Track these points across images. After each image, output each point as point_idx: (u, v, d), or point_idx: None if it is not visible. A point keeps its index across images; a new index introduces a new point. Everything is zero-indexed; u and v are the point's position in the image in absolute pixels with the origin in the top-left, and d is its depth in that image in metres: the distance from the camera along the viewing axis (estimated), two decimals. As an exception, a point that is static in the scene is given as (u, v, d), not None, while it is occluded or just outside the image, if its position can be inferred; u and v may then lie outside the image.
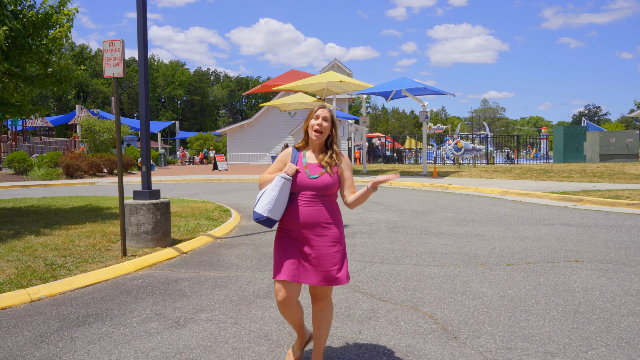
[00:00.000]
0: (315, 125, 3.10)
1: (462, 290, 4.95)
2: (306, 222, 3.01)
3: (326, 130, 3.12)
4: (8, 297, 4.86)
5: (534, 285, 5.06)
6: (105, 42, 6.31)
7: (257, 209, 3.05)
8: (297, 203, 3.03)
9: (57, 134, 54.63)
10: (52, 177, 24.29)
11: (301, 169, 3.06)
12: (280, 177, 3.00)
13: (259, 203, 3.04)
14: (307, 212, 3.01)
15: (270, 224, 3.05)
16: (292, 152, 3.20)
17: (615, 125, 80.00)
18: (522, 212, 10.24)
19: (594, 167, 20.10)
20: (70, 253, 6.64)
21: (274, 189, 2.99)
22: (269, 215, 3.00)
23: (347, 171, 3.21)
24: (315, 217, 3.01)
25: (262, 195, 3.07)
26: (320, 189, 3.02)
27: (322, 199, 3.04)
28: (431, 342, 3.70)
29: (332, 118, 3.15)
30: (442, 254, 6.55)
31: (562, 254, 6.40)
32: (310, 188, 3.02)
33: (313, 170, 3.07)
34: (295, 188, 3.04)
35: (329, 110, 3.16)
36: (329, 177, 3.05)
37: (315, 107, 3.16)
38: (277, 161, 3.24)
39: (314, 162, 3.12)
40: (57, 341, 3.89)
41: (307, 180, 3.02)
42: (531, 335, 3.79)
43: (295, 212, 3.03)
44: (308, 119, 3.16)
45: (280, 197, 2.99)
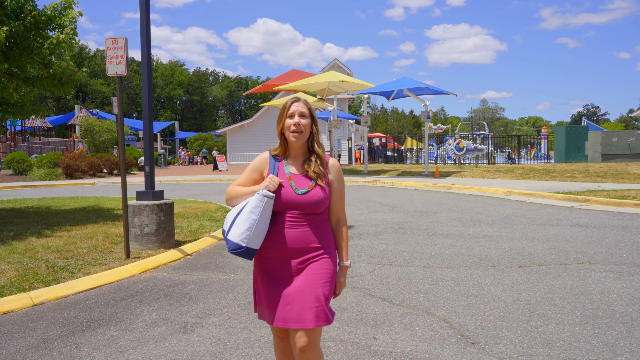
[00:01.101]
0: (291, 126, 2.49)
1: (475, 294, 4.83)
2: (293, 247, 2.43)
3: (306, 128, 2.51)
4: (10, 301, 4.73)
5: (549, 288, 4.94)
6: (108, 40, 6.18)
7: (232, 237, 2.39)
8: (281, 225, 2.44)
9: (56, 134, 54.46)
10: (52, 178, 24.14)
11: (285, 182, 2.46)
12: (262, 194, 2.37)
13: (234, 228, 2.40)
14: (293, 236, 2.42)
15: (250, 255, 2.43)
16: (269, 160, 2.56)
17: (615, 125, 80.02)
18: (528, 213, 10.13)
19: (596, 167, 20.00)
20: (72, 255, 6.51)
21: (254, 210, 2.36)
22: (248, 245, 2.38)
23: (337, 183, 2.56)
24: (303, 240, 2.43)
25: (237, 217, 2.42)
26: (310, 206, 2.43)
27: (310, 218, 2.46)
28: (449, 348, 3.58)
29: (310, 111, 2.54)
30: (452, 256, 6.43)
31: (573, 256, 6.28)
32: (297, 206, 2.42)
33: (300, 183, 2.47)
34: (278, 206, 2.43)
35: (304, 102, 2.55)
36: (320, 191, 2.46)
37: (287, 103, 2.54)
38: (250, 170, 2.59)
39: (299, 172, 2.52)
40: (61, 347, 3.77)
41: (294, 196, 2.42)
42: (551, 340, 3.67)
43: (279, 236, 2.43)
44: (281, 119, 2.53)
45: (262, 221, 2.38)
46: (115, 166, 27.79)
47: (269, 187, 2.39)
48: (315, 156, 2.55)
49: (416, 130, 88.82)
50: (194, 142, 53.24)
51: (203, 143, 52.08)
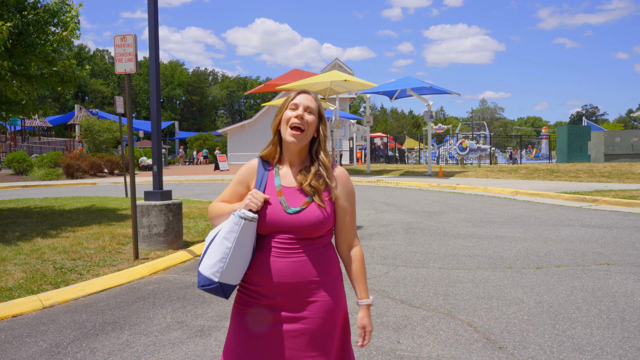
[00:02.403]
0: (292, 119, 1.93)
1: (496, 296, 4.72)
2: (283, 282, 1.86)
3: (310, 127, 1.95)
4: (19, 303, 4.61)
5: (570, 290, 4.84)
6: (116, 37, 6.06)
7: (202, 269, 1.88)
8: (268, 252, 1.89)
9: (56, 134, 54.27)
10: (53, 178, 23.99)
11: (273, 198, 1.91)
12: (237, 215, 1.83)
13: (206, 258, 1.89)
14: (284, 267, 1.87)
15: (225, 292, 1.89)
16: (257, 168, 2.02)
17: (614, 126, 80.00)
18: (537, 213, 10.02)
19: (600, 167, 19.92)
20: (80, 256, 6.39)
21: (228, 236, 1.83)
22: (221, 280, 1.85)
23: (346, 198, 2.01)
24: (298, 274, 1.87)
25: (210, 244, 1.91)
26: (304, 229, 1.88)
27: (306, 243, 1.90)
28: (477, 353, 3.47)
29: (319, 109, 2.01)
30: (466, 257, 6.32)
31: (590, 257, 6.17)
32: (287, 229, 1.88)
33: (292, 198, 1.92)
34: (264, 228, 1.89)
35: (314, 97, 2.03)
36: (317, 209, 1.90)
37: (292, 93, 2.03)
38: (235, 182, 2.05)
39: (293, 184, 1.96)
40: (74, 352, 3.65)
41: (283, 216, 1.88)
42: (581, 345, 3.57)
43: (265, 266, 1.89)
44: (281, 111, 1.99)
45: (239, 250, 1.84)
46: (116, 166, 27.66)
47: (249, 206, 1.85)
48: (318, 164, 1.99)
49: (416, 130, 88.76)
50: (194, 142, 53.10)
51: (203, 143, 51.95)
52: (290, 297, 1.88)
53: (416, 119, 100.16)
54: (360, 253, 2.05)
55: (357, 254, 2.04)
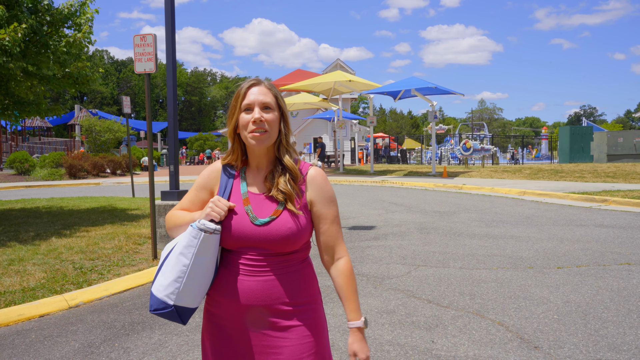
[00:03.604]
0: (250, 125, 1.65)
1: (522, 296, 4.72)
2: (252, 305, 1.61)
3: (273, 126, 1.67)
4: (45, 303, 4.60)
5: (596, 290, 4.84)
6: (136, 37, 6.05)
7: (155, 291, 1.62)
8: (235, 270, 1.63)
9: (56, 134, 54.16)
10: (55, 178, 23.95)
11: (239, 206, 1.65)
12: (196, 227, 1.57)
13: (159, 277, 1.63)
14: (252, 288, 1.60)
15: (182, 317, 1.63)
16: (221, 173, 1.75)
17: (613, 126, 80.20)
18: (548, 213, 10.03)
19: (604, 167, 19.96)
20: (98, 256, 6.38)
21: (186, 251, 1.57)
22: (177, 303, 1.59)
23: (323, 203, 1.72)
24: (268, 295, 1.61)
25: (165, 260, 1.64)
26: (275, 243, 1.61)
27: (277, 260, 1.63)
28: (513, 353, 3.47)
29: (277, 99, 1.71)
30: (485, 257, 6.32)
31: (609, 257, 6.18)
32: (255, 243, 1.61)
33: (260, 207, 1.65)
34: (229, 242, 1.63)
35: (267, 86, 1.71)
36: (289, 219, 1.63)
37: (241, 88, 1.70)
38: (197, 187, 1.78)
39: (262, 190, 1.70)
40: (108, 352, 3.64)
41: (251, 228, 1.61)
42: (616, 344, 3.57)
43: (230, 286, 1.63)
44: (233, 114, 1.70)
45: (198, 268, 1.58)
46: (118, 166, 27.63)
47: (210, 216, 1.59)
48: (282, 167, 1.71)
49: (414, 130, 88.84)
50: (194, 142, 53.06)
51: (203, 143, 51.92)
52: (260, 323, 1.62)
53: (415, 119, 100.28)
54: (347, 266, 1.72)
55: (342, 267, 1.72)
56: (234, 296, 1.61)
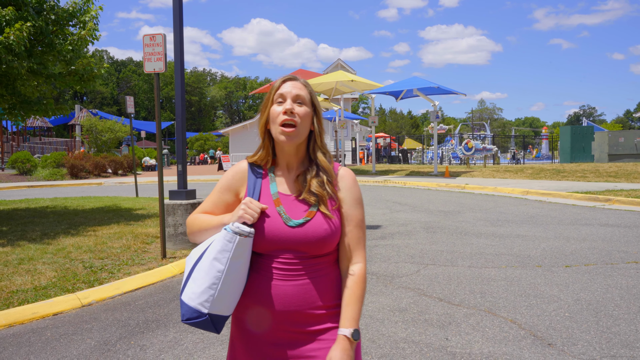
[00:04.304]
0: (280, 115, 1.59)
1: (533, 294, 4.75)
2: (288, 310, 1.55)
3: (304, 120, 1.61)
4: (59, 302, 4.62)
5: (605, 288, 4.87)
6: (145, 37, 6.07)
7: (187, 298, 1.53)
8: (268, 274, 1.57)
9: (56, 134, 54.15)
10: (57, 178, 23.96)
11: (271, 209, 1.58)
12: (231, 231, 1.50)
13: (191, 284, 1.53)
14: (287, 293, 1.55)
15: (216, 325, 1.56)
16: (248, 172, 1.68)
17: (612, 126, 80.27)
18: (552, 212, 10.07)
19: (605, 166, 20.00)
20: (107, 255, 6.40)
21: (220, 256, 1.50)
22: (211, 311, 1.51)
23: (352, 204, 1.66)
24: (304, 300, 1.56)
25: (195, 266, 1.55)
26: (310, 245, 1.56)
27: (314, 263, 1.58)
28: (527, 350, 3.49)
29: (311, 96, 1.66)
30: (493, 255, 6.35)
31: (617, 255, 6.21)
32: (290, 245, 1.55)
33: (293, 209, 1.59)
34: (261, 245, 1.56)
35: (303, 83, 1.66)
36: (323, 221, 1.58)
37: (277, 82, 1.66)
38: (220, 189, 1.69)
39: (292, 191, 1.64)
40: (125, 349, 3.66)
41: (284, 230, 1.55)
42: (630, 341, 3.60)
43: (263, 292, 1.56)
44: (266, 107, 1.65)
45: (233, 273, 1.51)
46: (119, 166, 27.65)
47: (243, 218, 1.51)
48: (316, 167, 1.65)
49: (414, 130, 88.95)
50: (194, 143, 53.06)
51: (204, 143, 51.93)
52: (295, 329, 1.56)
53: (415, 119, 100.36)
54: (360, 272, 1.62)
55: (356, 271, 1.62)
56: (267, 302, 1.55)
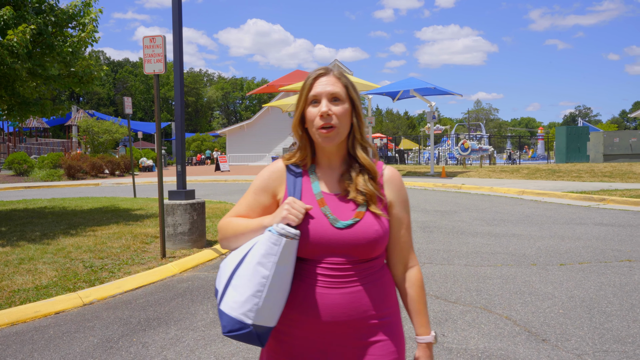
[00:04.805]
0: (317, 120, 1.48)
1: (527, 291, 4.83)
2: (337, 321, 1.43)
3: (344, 119, 1.50)
4: (60, 301, 4.68)
5: (599, 286, 4.96)
6: (145, 38, 6.13)
7: (227, 308, 1.41)
8: (313, 282, 1.45)
9: (52, 135, 54.03)
10: (54, 179, 23.96)
11: (315, 210, 1.47)
12: (276, 232, 1.38)
13: (231, 292, 1.41)
14: (337, 301, 1.43)
15: (261, 338, 1.41)
16: (286, 173, 1.56)
17: (608, 126, 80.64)
18: (547, 212, 10.17)
19: (601, 167, 20.14)
20: (107, 255, 6.45)
21: (265, 260, 1.37)
22: (256, 322, 1.38)
23: (401, 205, 1.58)
24: (355, 309, 1.44)
25: (235, 272, 1.43)
26: (361, 248, 1.45)
27: (363, 268, 1.47)
28: (522, 345, 3.57)
29: (348, 90, 1.53)
30: (489, 254, 6.44)
31: (610, 254, 6.31)
32: (338, 249, 1.44)
33: (339, 210, 1.48)
34: (306, 249, 1.44)
35: (336, 75, 1.53)
36: (374, 221, 1.48)
37: (308, 78, 1.54)
38: (256, 190, 1.57)
39: (336, 190, 1.53)
40: (127, 347, 3.73)
41: (332, 232, 1.44)
42: (622, 337, 3.68)
43: (310, 301, 1.44)
44: (299, 106, 1.54)
45: (279, 280, 1.39)
46: (116, 167, 27.65)
47: (287, 219, 1.39)
48: (359, 165, 1.55)
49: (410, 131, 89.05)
50: (191, 143, 53.04)
51: (201, 144, 51.92)
52: (345, 340, 1.44)
53: (411, 119, 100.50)
54: (419, 276, 1.59)
55: (416, 276, 1.59)
56: (314, 312, 1.42)
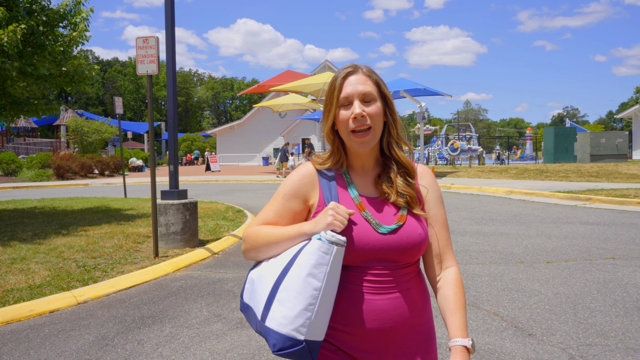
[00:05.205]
0: (350, 123, 1.42)
1: (515, 288, 4.95)
2: (384, 328, 1.39)
3: (377, 119, 1.44)
4: (55, 299, 4.72)
5: (584, 283, 5.10)
6: (138, 39, 6.17)
7: (276, 325, 1.31)
8: (358, 289, 1.39)
9: (41, 134, 53.55)
10: (43, 179, 23.80)
11: (356, 214, 1.40)
12: (327, 241, 1.30)
13: (277, 307, 1.32)
14: (383, 308, 1.39)
15: (312, 352, 1.31)
16: (318, 176, 1.48)
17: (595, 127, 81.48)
18: (535, 211, 10.34)
19: (587, 167, 20.45)
20: (100, 254, 6.48)
21: (316, 271, 1.29)
22: (308, 337, 1.30)
23: (437, 204, 1.54)
24: (399, 315, 1.40)
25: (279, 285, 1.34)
26: (406, 253, 1.41)
27: (405, 273, 1.43)
28: (509, 340, 3.69)
29: (379, 87, 1.47)
30: (477, 253, 6.56)
31: (595, 252, 6.46)
32: (383, 255, 1.39)
33: (379, 213, 1.44)
34: (350, 256, 1.37)
35: (366, 73, 1.46)
36: (418, 225, 1.44)
37: (336, 79, 1.46)
38: (285, 196, 1.48)
39: (373, 193, 1.48)
40: (123, 344, 3.78)
41: (376, 237, 1.39)
42: (604, 331, 3.81)
43: (356, 309, 1.39)
44: (330, 109, 1.46)
45: (330, 291, 1.32)
46: (106, 167, 27.52)
47: (333, 225, 1.32)
48: (396, 164, 1.49)
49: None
50: (181, 143, 52.84)
51: (191, 144, 51.76)
52: (391, 349, 1.40)
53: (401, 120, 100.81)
54: (457, 276, 1.51)
55: (452, 276, 1.50)
56: (359, 320, 1.38)
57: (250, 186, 19.48)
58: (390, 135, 1.49)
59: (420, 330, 1.46)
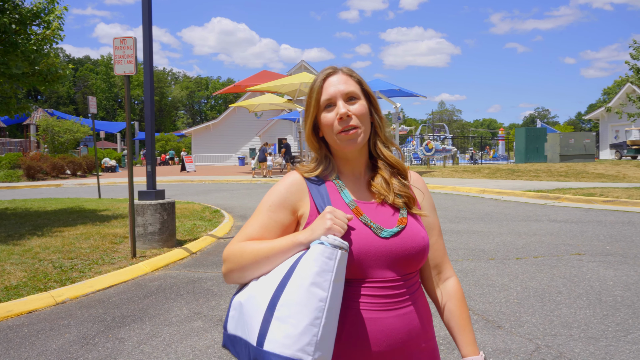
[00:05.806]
0: (336, 125, 1.32)
1: (485, 283, 5.15)
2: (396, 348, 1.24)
3: (364, 117, 1.34)
4: (32, 300, 4.71)
5: (551, 277, 5.33)
6: (116, 39, 6.18)
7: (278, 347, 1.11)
8: (360, 307, 1.25)
9: (10, 134, 52.18)
10: (13, 179, 23.29)
11: (354, 219, 1.28)
12: (330, 245, 1.15)
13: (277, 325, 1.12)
14: (393, 326, 1.24)
15: None
16: (306, 184, 1.36)
17: (564, 128, 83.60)
18: (506, 210, 10.65)
19: (557, 166, 21.04)
20: (76, 255, 6.46)
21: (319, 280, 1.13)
22: (315, 356, 1.10)
23: (431, 209, 1.47)
24: (408, 332, 1.26)
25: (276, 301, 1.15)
26: (413, 259, 1.29)
27: (410, 284, 1.31)
28: (480, 332, 3.86)
29: (361, 85, 1.38)
30: (450, 250, 6.76)
31: (562, 248, 6.73)
32: (385, 262, 1.26)
33: (377, 216, 1.32)
34: (350, 268, 1.23)
35: (346, 73, 1.38)
36: (419, 226, 1.35)
37: (316, 81, 1.37)
38: (271, 207, 1.34)
39: (367, 197, 1.38)
40: (104, 342, 3.82)
41: (378, 243, 1.26)
42: (569, 322, 4.02)
43: (360, 328, 1.24)
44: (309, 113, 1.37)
45: (335, 302, 1.15)
46: (78, 167, 27.06)
47: (332, 230, 1.19)
48: (387, 165, 1.41)
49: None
50: (156, 143, 52.22)
51: (165, 144, 51.19)
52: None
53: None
54: (458, 288, 1.43)
55: (453, 289, 1.42)
56: (365, 343, 1.22)
57: (227, 186, 19.45)
58: (378, 135, 1.40)
59: (427, 347, 1.32)
